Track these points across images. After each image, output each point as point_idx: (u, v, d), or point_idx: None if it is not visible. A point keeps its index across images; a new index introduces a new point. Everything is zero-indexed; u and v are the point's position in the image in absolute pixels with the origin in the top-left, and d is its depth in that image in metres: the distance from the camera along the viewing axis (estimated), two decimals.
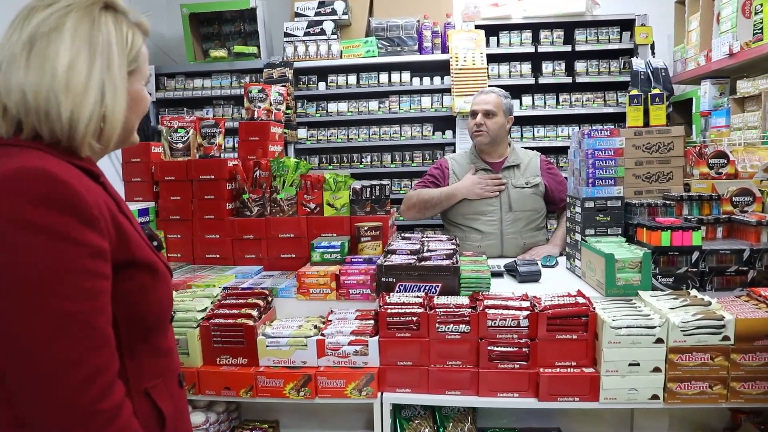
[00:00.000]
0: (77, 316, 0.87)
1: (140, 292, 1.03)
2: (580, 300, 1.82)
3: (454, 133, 4.52)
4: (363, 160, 4.71)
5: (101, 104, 0.97)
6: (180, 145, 2.49)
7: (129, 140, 1.11)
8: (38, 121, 0.94)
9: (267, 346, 1.84)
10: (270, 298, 2.03)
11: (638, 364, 1.67)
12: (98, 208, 0.93)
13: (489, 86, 3.88)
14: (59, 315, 0.86)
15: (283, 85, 2.95)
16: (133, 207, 2.25)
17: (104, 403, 0.89)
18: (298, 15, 4.58)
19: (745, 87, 3.25)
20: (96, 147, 1.01)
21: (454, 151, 4.38)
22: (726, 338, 1.65)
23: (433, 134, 4.60)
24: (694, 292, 1.89)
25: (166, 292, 1.10)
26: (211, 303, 1.96)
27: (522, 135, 4.51)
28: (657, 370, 1.67)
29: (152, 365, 1.08)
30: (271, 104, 2.65)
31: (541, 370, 1.73)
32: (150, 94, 4.60)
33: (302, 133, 4.66)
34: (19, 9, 0.98)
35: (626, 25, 4.35)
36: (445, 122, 4.59)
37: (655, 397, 1.68)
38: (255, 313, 1.89)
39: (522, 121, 4.49)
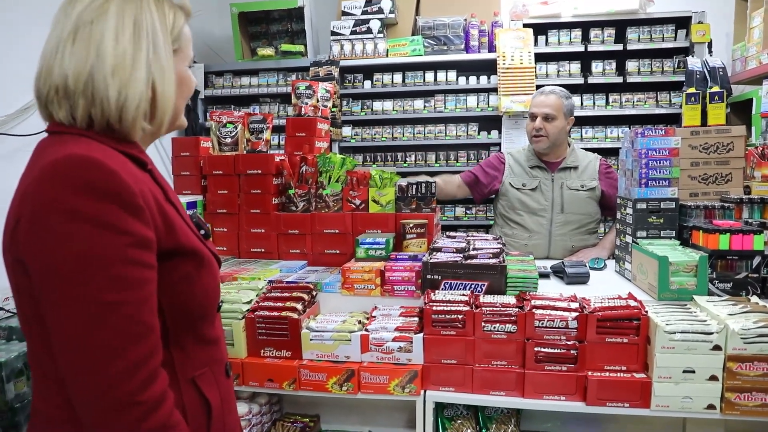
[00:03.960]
0: (119, 306, 0.87)
1: (186, 280, 1.02)
2: (632, 303, 1.77)
3: (500, 133, 4.46)
4: (407, 159, 4.69)
5: (149, 84, 0.97)
6: (228, 140, 2.53)
7: (177, 123, 1.11)
8: (87, 104, 0.94)
9: (311, 339, 1.84)
10: (314, 293, 2.04)
11: (693, 372, 1.61)
12: (143, 197, 0.93)
13: (537, 86, 3.83)
14: (101, 304, 0.86)
15: (329, 83, 2.96)
16: (182, 200, 2.30)
17: (145, 394, 0.89)
18: (345, 14, 4.60)
19: None
20: (147, 129, 1.01)
21: (500, 152, 4.32)
22: None
23: (479, 134, 4.55)
24: (754, 298, 1.81)
25: (212, 281, 1.10)
26: (257, 295, 1.98)
27: (570, 136, 4.40)
28: (714, 378, 1.60)
29: (199, 354, 1.08)
30: (318, 101, 2.66)
31: (590, 373, 1.69)
32: (199, 91, 4.74)
33: (347, 131, 4.68)
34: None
35: (682, 23, 4.21)
36: (491, 122, 4.53)
37: (711, 407, 1.61)
38: (300, 306, 1.90)
39: None
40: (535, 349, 1.71)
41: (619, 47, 4.28)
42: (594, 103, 4.37)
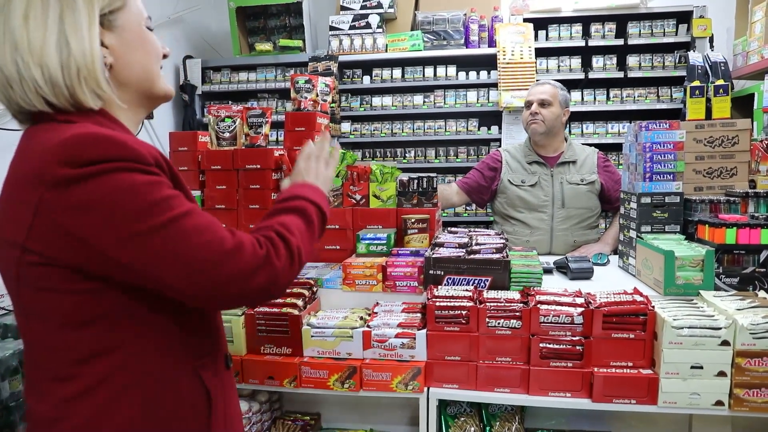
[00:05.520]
0: (186, 216, 0.92)
1: None
2: (638, 298, 1.74)
3: (500, 128, 4.43)
4: (407, 155, 4.66)
5: (65, 48, 0.92)
6: (227, 135, 2.49)
7: (155, 88, 1.08)
8: (32, 92, 0.91)
9: (312, 336, 1.81)
10: (315, 289, 2.01)
11: (701, 367, 1.58)
12: (158, 163, 0.94)
13: (537, 80, 3.80)
14: (177, 221, 0.90)
15: (329, 78, 2.93)
16: None
17: (257, 254, 0.96)
18: (343, 8, 4.56)
19: None
20: (121, 98, 1.00)
21: (500, 147, 4.29)
22: None
23: (479, 129, 4.52)
24: (762, 293, 1.78)
25: None
26: None
27: (570, 131, 4.38)
28: (722, 374, 1.57)
29: (202, 342, 1.07)
30: (317, 95, 2.63)
31: (596, 369, 1.66)
32: (196, 86, 4.70)
33: (346, 127, 4.65)
34: None
35: (683, 17, 4.18)
36: (492, 117, 4.50)
37: (719, 403, 1.58)
38: (300, 302, 1.87)
39: (571, 117, 4.33)
40: (540, 345, 1.69)
41: (620, 42, 4.25)
42: (595, 98, 4.35)
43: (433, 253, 1.96)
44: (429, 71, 4.52)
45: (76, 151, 0.86)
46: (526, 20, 4.32)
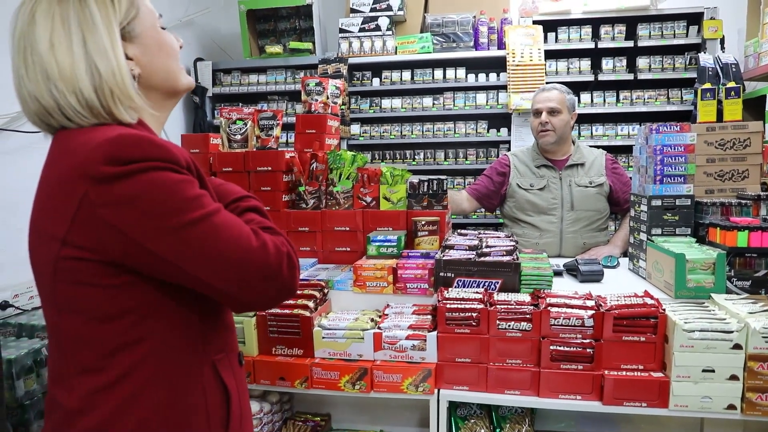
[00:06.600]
0: (216, 213, 0.96)
1: None
2: (649, 300, 1.74)
3: (509, 130, 4.43)
4: (416, 157, 4.67)
5: (96, 72, 0.95)
6: (238, 137, 2.51)
7: (179, 85, 1.12)
8: (69, 116, 0.96)
9: (323, 337, 1.82)
10: (326, 290, 2.02)
11: (713, 371, 1.58)
12: (188, 165, 0.98)
13: (546, 83, 3.80)
14: (209, 218, 0.95)
15: (339, 80, 2.94)
16: None
17: (275, 249, 1.01)
18: (353, 11, 4.58)
19: None
20: (147, 103, 1.03)
21: (509, 149, 4.29)
22: None
23: (488, 132, 4.52)
24: None
25: None
26: None
27: (580, 133, 4.38)
28: (734, 378, 1.57)
29: (219, 338, 1.10)
30: (328, 97, 2.64)
31: (606, 372, 1.66)
32: (207, 89, 4.74)
33: (355, 129, 4.66)
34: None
35: (693, 19, 4.16)
36: (501, 119, 4.50)
37: (731, 407, 1.58)
38: (311, 304, 1.88)
39: (580, 119, 4.36)
40: (551, 347, 1.69)
41: (630, 44, 4.24)
42: (604, 101, 4.34)
43: (443, 256, 1.96)
44: (438, 73, 4.53)
45: (119, 150, 0.90)
46: (535, 22, 4.32)
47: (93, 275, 0.93)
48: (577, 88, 4.29)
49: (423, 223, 2.20)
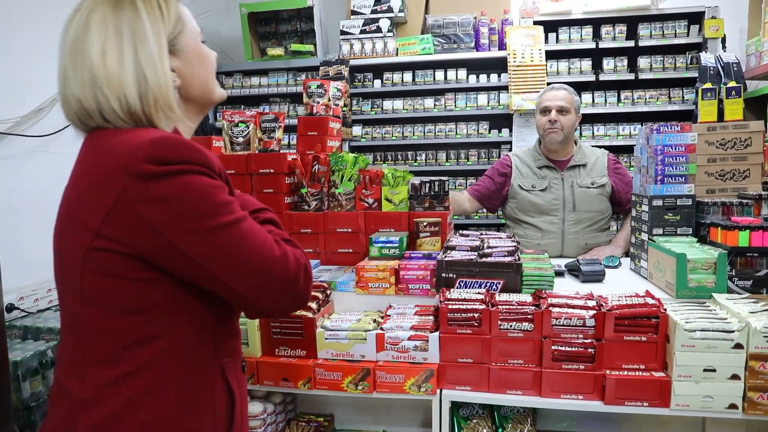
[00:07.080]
0: (244, 220, 1.01)
1: None
2: (650, 300, 1.74)
3: (511, 131, 4.44)
4: (418, 158, 4.68)
5: (144, 81, 1.00)
6: (240, 140, 2.52)
7: (214, 96, 1.19)
8: (108, 119, 1.00)
9: (326, 338, 1.84)
10: (329, 292, 2.03)
11: (714, 370, 1.58)
12: (219, 172, 1.03)
13: (548, 83, 3.81)
14: (238, 224, 0.99)
15: (340, 82, 2.95)
16: None
17: (295, 260, 1.06)
18: (354, 13, 4.59)
19: None
20: (185, 113, 1.10)
21: (510, 150, 4.30)
22: None
23: (489, 132, 4.53)
24: None
25: None
26: None
27: (581, 133, 4.38)
28: (735, 377, 1.57)
29: (228, 343, 1.13)
30: (329, 99, 2.65)
31: (608, 372, 1.67)
32: None
33: (357, 130, 4.67)
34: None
35: (694, 18, 4.16)
36: (502, 120, 4.51)
37: (733, 406, 1.58)
38: (314, 305, 1.89)
39: (582, 119, 4.34)
40: (552, 347, 1.70)
41: (631, 44, 4.24)
42: (606, 101, 4.34)
43: (445, 256, 1.97)
44: (439, 74, 4.54)
45: (160, 151, 0.94)
46: (536, 23, 4.32)
47: (122, 267, 0.96)
48: (578, 88, 4.26)
49: (425, 224, 2.20)
